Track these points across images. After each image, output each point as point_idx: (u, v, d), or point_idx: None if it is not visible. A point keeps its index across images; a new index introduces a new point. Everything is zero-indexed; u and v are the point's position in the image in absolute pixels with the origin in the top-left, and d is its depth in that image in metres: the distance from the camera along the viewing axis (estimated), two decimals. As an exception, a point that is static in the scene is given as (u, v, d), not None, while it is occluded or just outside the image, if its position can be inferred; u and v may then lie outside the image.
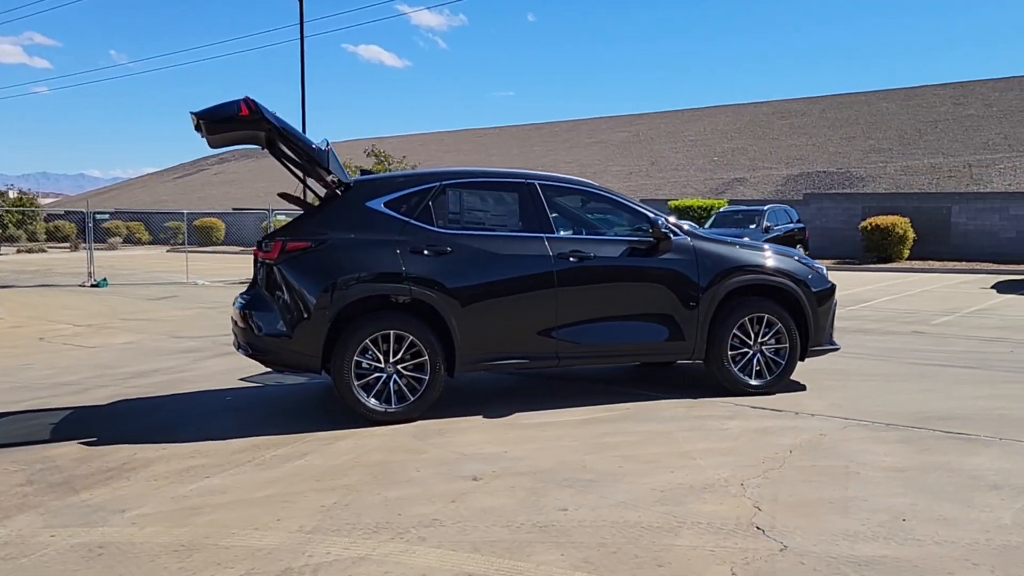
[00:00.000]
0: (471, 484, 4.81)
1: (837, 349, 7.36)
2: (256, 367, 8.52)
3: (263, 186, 65.48)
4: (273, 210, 23.84)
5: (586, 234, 6.79)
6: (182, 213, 29.09)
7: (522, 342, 6.43)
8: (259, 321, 6.15)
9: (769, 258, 7.05)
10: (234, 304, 6.68)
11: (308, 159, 6.27)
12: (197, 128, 6.51)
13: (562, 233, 6.65)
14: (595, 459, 5.24)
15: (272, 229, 26.63)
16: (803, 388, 7.12)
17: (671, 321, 6.70)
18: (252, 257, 7.42)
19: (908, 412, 6.29)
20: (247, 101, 6.04)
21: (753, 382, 6.88)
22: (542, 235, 6.53)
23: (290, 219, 23.61)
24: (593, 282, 6.56)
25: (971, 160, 39.76)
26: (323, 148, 6.30)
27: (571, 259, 6.49)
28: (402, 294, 6.16)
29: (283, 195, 7.23)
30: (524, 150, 59.60)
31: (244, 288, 7.41)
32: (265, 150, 7.21)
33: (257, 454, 5.51)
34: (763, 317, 6.88)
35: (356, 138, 65.25)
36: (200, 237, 41.13)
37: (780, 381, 6.97)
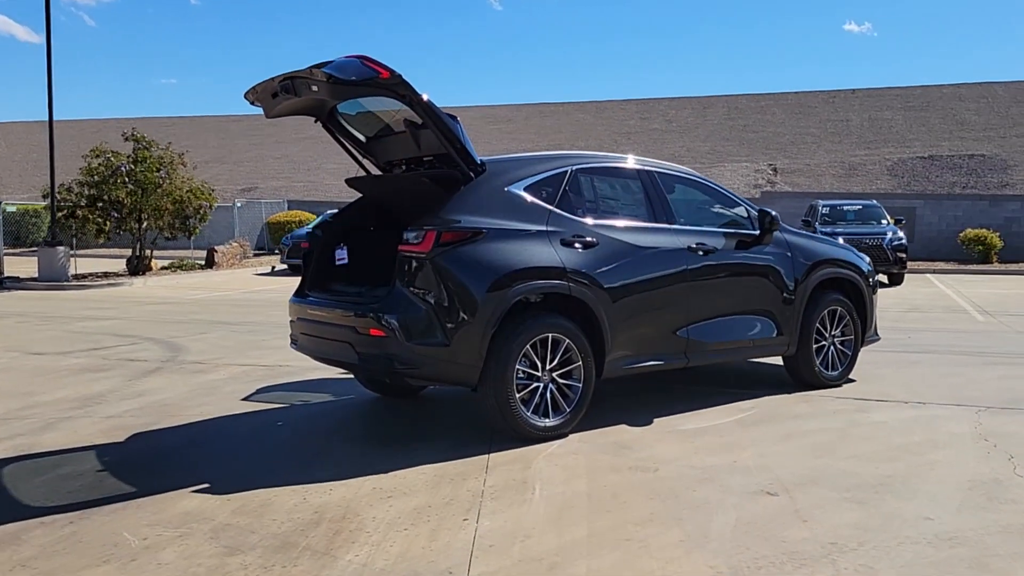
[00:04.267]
0: (777, 500, 4.32)
1: (879, 340, 7.68)
2: (243, 387, 7.12)
3: None
4: (2, 200, 20.14)
5: (699, 226, 6.44)
6: None
7: (661, 342, 5.95)
8: (406, 328, 5.06)
9: (840, 251, 7.19)
10: (335, 308, 5.49)
11: (443, 134, 5.29)
12: (284, 89, 5.32)
13: (683, 225, 6.26)
14: (839, 463, 4.95)
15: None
16: (854, 380, 7.30)
17: (773, 316, 6.57)
18: (303, 250, 6.23)
19: (991, 397, 6.62)
20: (379, 62, 5.00)
21: (832, 374, 6.97)
22: (672, 227, 6.11)
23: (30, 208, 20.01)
24: (716, 276, 6.24)
25: (668, 169, 43.91)
26: (456, 122, 5.38)
27: (699, 252, 6.13)
28: (562, 291, 5.42)
29: (352, 181, 6.07)
30: (224, 141, 56.15)
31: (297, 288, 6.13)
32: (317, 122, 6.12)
33: (468, 486, 4.55)
34: (836, 310, 6.99)
35: (100, 117, 57.43)
36: None
37: (849, 372, 7.13)
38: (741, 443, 5.37)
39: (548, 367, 5.40)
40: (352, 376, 7.14)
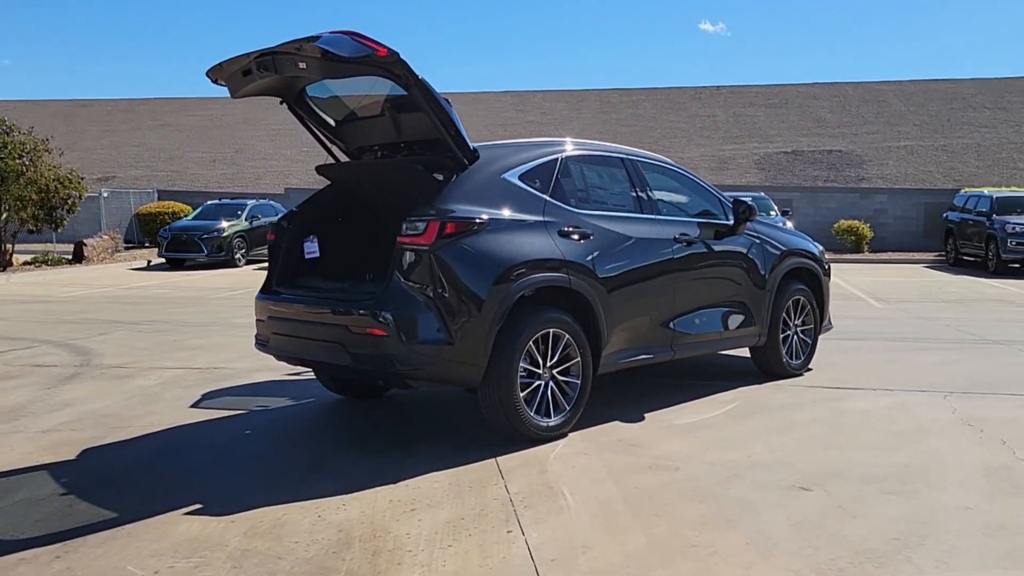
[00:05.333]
0: (814, 496, 4.22)
1: (832, 328, 7.78)
2: (185, 392, 6.54)
3: None
4: None
5: (680, 216, 6.30)
6: None
7: (650, 335, 5.79)
8: (407, 326, 4.67)
9: (801, 240, 7.23)
10: (318, 306, 5.04)
11: (439, 118, 4.93)
12: (261, 67, 4.86)
13: (666, 215, 6.11)
14: (849, 454, 4.92)
15: None
16: (811, 369, 7.35)
17: (746, 307, 6.51)
18: (269, 242, 5.74)
19: (947, 383, 6.77)
20: (373, 39, 4.61)
21: (797, 363, 7.00)
22: (657, 217, 5.95)
23: None
24: (697, 267, 6.12)
25: (545, 161, 44.20)
26: (450, 106, 5.02)
27: (683, 243, 6.00)
28: (562, 284, 5.16)
29: (323, 168, 5.60)
30: (73, 128, 52.53)
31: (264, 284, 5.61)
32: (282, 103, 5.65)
33: (492, 494, 4.24)
34: (799, 300, 7.02)
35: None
36: None
37: (810, 360, 7.19)
38: (743, 437, 5.27)
39: (548, 364, 5.14)
40: (304, 377, 6.69)
